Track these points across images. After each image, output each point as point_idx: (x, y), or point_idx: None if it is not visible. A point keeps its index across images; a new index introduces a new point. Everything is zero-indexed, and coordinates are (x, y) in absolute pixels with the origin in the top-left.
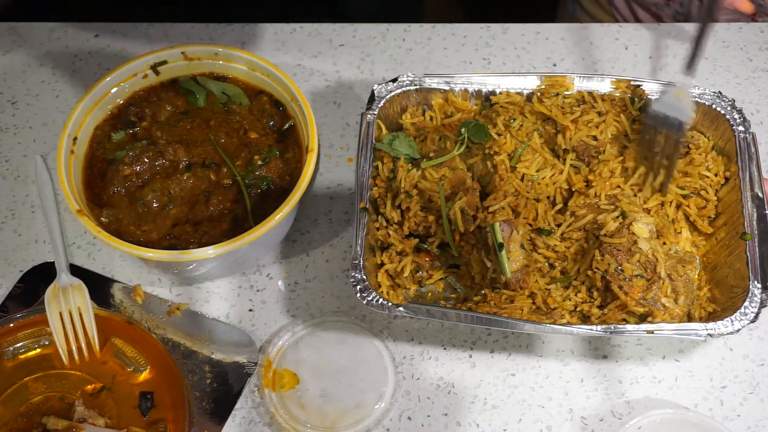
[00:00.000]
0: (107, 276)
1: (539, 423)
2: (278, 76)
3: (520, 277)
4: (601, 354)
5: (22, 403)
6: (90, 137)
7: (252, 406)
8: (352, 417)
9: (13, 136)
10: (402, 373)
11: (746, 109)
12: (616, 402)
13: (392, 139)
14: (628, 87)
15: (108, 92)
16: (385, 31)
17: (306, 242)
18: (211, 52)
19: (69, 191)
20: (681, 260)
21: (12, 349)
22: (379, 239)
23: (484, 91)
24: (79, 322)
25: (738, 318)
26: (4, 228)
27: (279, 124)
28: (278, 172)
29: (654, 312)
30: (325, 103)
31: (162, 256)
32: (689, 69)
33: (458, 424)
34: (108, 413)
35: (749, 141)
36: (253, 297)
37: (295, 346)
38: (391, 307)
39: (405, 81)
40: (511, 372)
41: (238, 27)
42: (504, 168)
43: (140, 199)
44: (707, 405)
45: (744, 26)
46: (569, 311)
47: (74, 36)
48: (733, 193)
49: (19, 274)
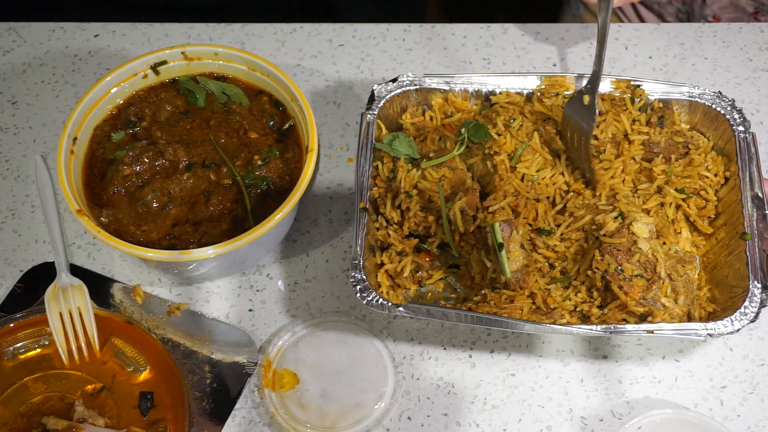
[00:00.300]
0: (107, 276)
1: (539, 423)
2: (278, 76)
3: (519, 277)
4: (601, 354)
5: (22, 403)
6: (90, 137)
7: (252, 406)
8: (352, 417)
9: (13, 136)
10: (402, 373)
11: (746, 109)
12: (616, 402)
13: (392, 139)
14: (628, 87)
15: (108, 92)
16: (385, 31)
17: (306, 242)
18: (211, 52)
19: (69, 191)
20: (681, 260)
21: (12, 349)
22: (379, 239)
23: (484, 91)
24: (79, 322)
25: (738, 318)
26: (4, 228)
27: (279, 124)
28: (278, 172)
29: (654, 312)
30: (325, 103)
31: (162, 256)
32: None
33: (458, 424)
34: (108, 413)
35: (749, 141)
36: (253, 297)
37: (295, 346)
38: (390, 307)
39: (405, 81)
40: (511, 372)
41: (237, 27)
42: (504, 168)
43: (140, 199)
44: (707, 405)
45: (744, 26)
46: (569, 311)
47: (74, 36)
48: (733, 193)
49: (19, 274)
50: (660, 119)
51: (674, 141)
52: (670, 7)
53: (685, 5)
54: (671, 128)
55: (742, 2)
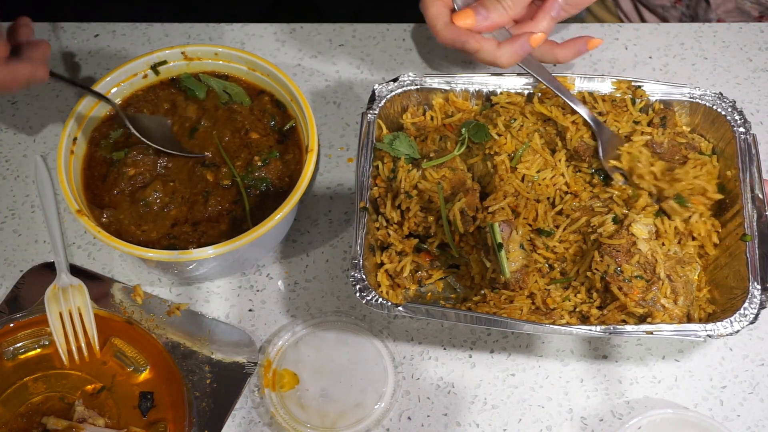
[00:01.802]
0: (107, 276)
1: (539, 423)
2: (278, 76)
3: (519, 278)
4: (601, 354)
5: (22, 403)
6: (90, 137)
7: (252, 406)
8: (352, 417)
9: (13, 136)
10: (402, 373)
11: (746, 109)
12: (616, 402)
13: (393, 138)
14: (629, 88)
15: (108, 92)
16: (385, 31)
17: (306, 242)
18: (211, 52)
19: (69, 191)
20: (680, 261)
21: (12, 349)
22: (379, 239)
23: (484, 92)
24: (79, 322)
25: (737, 319)
26: (4, 228)
27: (280, 125)
28: (278, 174)
29: (653, 313)
30: (325, 103)
31: (162, 256)
32: None
33: (458, 424)
34: (108, 413)
35: (750, 142)
36: (253, 297)
37: (295, 346)
38: (390, 306)
39: (406, 81)
40: (510, 372)
41: (238, 27)
42: (504, 168)
43: (142, 199)
44: (707, 405)
45: (744, 26)
46: (568, 312)
47: (74, 36)
48: (733, 194)
49: (19, 274)
50: (663, 120)
51: (677, 142)
52: (674, 11)
53: (689, 9)
54: (673, 129)
55: (747, 6)
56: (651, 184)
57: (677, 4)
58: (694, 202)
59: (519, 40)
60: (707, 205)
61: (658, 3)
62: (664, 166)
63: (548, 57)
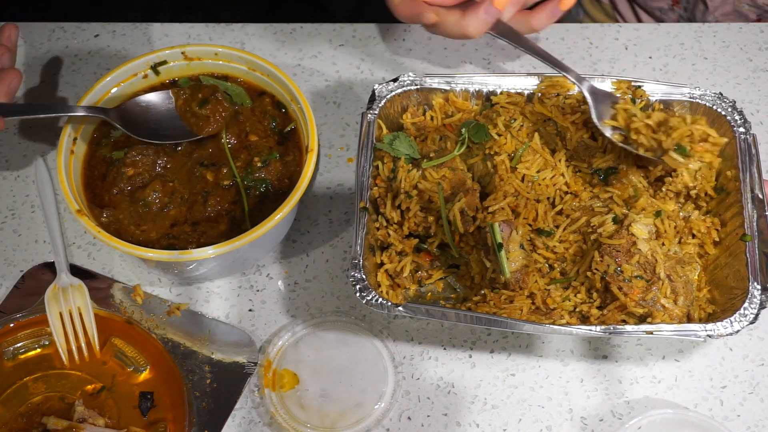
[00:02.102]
0: (107, 276)
1: (539, 423)
2: (278, 76)
3: (519, 278)
4: (601, 354)
5: (22, 403)
6: (90, 137)
7: (252, 406)
8: (352, 417)
9: (13, 136)
10: (402, 373)
11: (746, 109)
12: (616, 402)
13: (393, 138)
14: (629, 88)
15: (108, 92)
16: (385, 31)
17: (306, 242)
18: (211, 52)
19: (69, 191)
20: (680, 261)
21: (12, 349)
22: (379, 239)
23: (484, 92)
24: (79, 322)
25: (737, 319)
26: (4, 228)
27: (280, 126)
28: (277, 175)
29: (653, 313)
30: (325, 103)
31: (162, 256)
32: None
33: (458, 424)
34: (108, 413)
35: (750, 142)
36: (253, 297)
37: (295, 346)
38: (390, 306)
39: (406, 81)
40: (510, 372)
41: (238, 27)
42: (504, 168)
43: (141, 199)
44: (707, 405)
45: (744, 26)
46: (569, 312)
47: (74, 36)
48: (733, 195)
49: (19, 274)
50: None
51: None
52: (671, 14)
53: (687, 12)
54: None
55: (745, 9)
56: (650, 137)
57: (675, 7)
58: (698, 150)
59: (483, 4)
60: (713, 152)
61: (656, 5)
62: (661, 117)
63: (523, 27)
